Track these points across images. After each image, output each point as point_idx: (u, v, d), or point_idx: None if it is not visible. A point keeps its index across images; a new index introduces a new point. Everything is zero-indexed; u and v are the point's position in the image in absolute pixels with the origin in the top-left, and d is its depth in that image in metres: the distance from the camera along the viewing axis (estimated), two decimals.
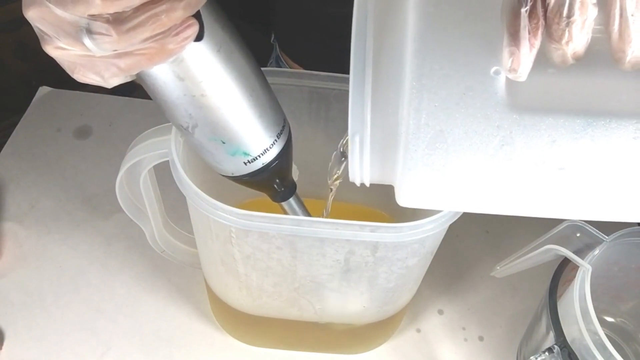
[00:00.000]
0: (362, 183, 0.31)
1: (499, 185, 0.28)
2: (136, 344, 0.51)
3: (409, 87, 0.26)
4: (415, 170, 0.28)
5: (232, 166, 0.35)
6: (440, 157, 0.27)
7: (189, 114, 0.31)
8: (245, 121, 0.33)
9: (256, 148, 0.34)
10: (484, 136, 0.26)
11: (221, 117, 0.32)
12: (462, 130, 0.26)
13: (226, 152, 0.34)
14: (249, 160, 0.34)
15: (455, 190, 0.29)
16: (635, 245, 0.44)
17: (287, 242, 0.37)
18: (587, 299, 0.38)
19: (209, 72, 0.30)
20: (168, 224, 0.48)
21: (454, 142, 0.26)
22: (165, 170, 0.38)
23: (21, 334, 0.50)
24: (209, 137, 0.33)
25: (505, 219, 0.64)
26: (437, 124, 0.26)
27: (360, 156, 0.29)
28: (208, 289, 0.49)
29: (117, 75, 0.28)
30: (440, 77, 0.25)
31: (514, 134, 0.26)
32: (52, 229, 0.58)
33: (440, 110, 0.26)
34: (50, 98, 0.70)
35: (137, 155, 0.39)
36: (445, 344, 0.53)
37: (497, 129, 0.26)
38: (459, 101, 0.26)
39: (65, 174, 0.63)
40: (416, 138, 0.26)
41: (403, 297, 0.46)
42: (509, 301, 0.57)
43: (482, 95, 0.25)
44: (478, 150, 0.26)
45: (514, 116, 0.26)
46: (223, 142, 0.33)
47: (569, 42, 0.23)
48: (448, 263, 0.59)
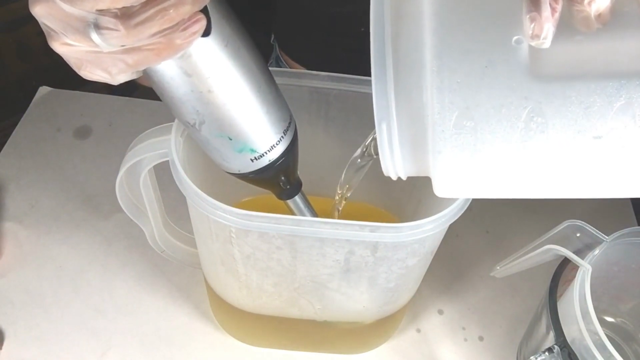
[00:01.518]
0: (398, 177, 0.30)
1: (533, 162, 0.27)
2: (136, 344, 0.51)
3: (429, 67, 0.25)
4: (445, 152, 0.27)
5: (239, 163, 0.35)
6: (469, 136, 0.26)
7: (196, 111, 0.31)
8: (252, 117, 0.33)
9: (263, 145, 0.34)
10: (511, 109, 0.25)
11: (228, 113, 0.32)
12: (489, 106, 0.25)
13: (233, 149, 0.33)
14: (256, 157, 0.34)
15: (490, 172, 0.28)
16: (635, 245, 0.44)
17: (287, 242, 0.37)
18: (587, 299, 0.38)
19: (216, 68, 0.30)
20: (168, 224, 0.48)
21: (482, 119, 0.26)
22: (165, 170, 0.38)
23: (21, 334, 0.50)
24: (216, 134, 0.33)
25: (505, 219, 0.64)
26: (462, 102, 0.25)
27: (390, 145, 0.28)
28: (208, 288, 0.49)
29: (124, 72, 0.27)
30: (460, 53, 0.25)
31: (543, 105, 0.25)
32: (52, 229, 0.58)
33: (464, 86, 0.25)
34: (50, 98, 0.70)
35: (137, 155, 0.39)
36: (445, 344, 0.53)
37: (524, 100, 0.25)
38: (483, 75, 0.25)
39: (65, 174, 0.63)
40: (442, 118, 0.26)
41: (403, 297, 0.46)
42: (509, 301, 0.57)
43: (505, 66, 0.25)
44: (507, 124, 0.26)
45: (541, 85, 0.25)
46: (230, 138, 0.33)
47: (591, 1, 0.23)
48: (448, 263, 0.59)
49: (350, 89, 0.43)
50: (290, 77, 0.44)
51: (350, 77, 0.43)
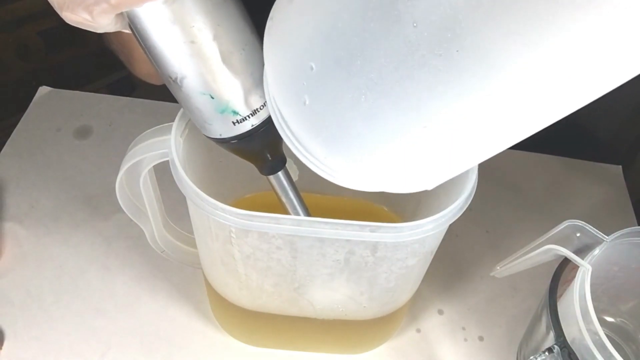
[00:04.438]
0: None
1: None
2: (136, 344, 0.51)
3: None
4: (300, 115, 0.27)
5: (221, 126, 0.34)
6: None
7: (179, 63, 0.30)
8: (236, 76, 0.32)
9: (246, 107, 0.33)
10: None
11: (210, 68, 0.31)
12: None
13: (215, 109, 0.32)
14: (238, 120, 0.33)
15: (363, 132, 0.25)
16: (635, 245, 0.44)
17: (287, 242, 0.37)
18: (587, 299, 0.38)
19: (200, 17, 0.29)
20: (168, 224, 0.48)
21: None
22: (165, 170, 0.38)
23: (21, 334, 0.50)
24: (198, 91, 0.32)
25: (505, 219, 0.64)
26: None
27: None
28: (208, 288, 0.49)
29: (106, 12, 0.27)
30: None
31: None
32: (52, 229, 0.58)
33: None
34: (50, 98, 0.70)
35: (137, 155, 0.39)
36: (445, 344, 0.53)
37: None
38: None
39: (65, 174, 0.63)
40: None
41: (403, 297, 0.46)
42: (509, 301, 0.57)
43: None
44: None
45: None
46: (212, 97, 0.32)
47: None
48: (448, 263, 0.59)
49: None
50: None
51: None
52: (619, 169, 0.71)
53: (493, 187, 0.67)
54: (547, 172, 0.70)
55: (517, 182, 0.68)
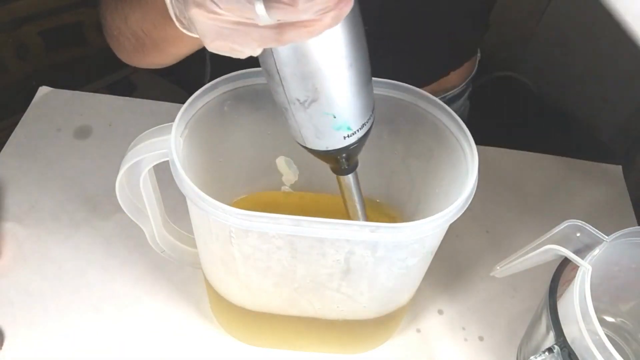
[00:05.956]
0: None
1: None
2: (136, 344, 0.51)
3: None
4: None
5: (331, 140, 0.35)
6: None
7: (315, 88, 0.31)
8: (361, 95, 0.33)
9: (358, 122, 0.34)
10: None
11: (344, 91, 0.32)
12: None
13: (332, 127, 0.34)
14: (349, 135, 0.34)
15: None
16: (635, 245, 0.44)
17: (287, 242, 0.37)
18: (587, 299, 0.38)
19: (346, 46, 0.30)
20: (168, 224, 0.48)
21: None
22: (165, 170, 0.38)
23: (21, 334, 0.50)
24: (324, 111, 0.33)
25: (505, 219, 0.64)
26: None
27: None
28: (208, 288, 0.49)
29: (266, 46, 0.27)
30: None
31: None
32: (52, 229, 0.58)
33: None
34: (50, 98, 0.70)
35: (137, 155, 0.39)
36: (445, 344, 0.53)
37: None
38: None
39: (65, 174, 0.63)
40: None
41: (403, 296, 0.46)
42: (509, 301, 0.57)
43: None
44: None
45: None
46: (334, 116, 0.33)
47: None
48: (448, 263, 0.59)
49: None
50: None
51: None
52: (619, 169, 0.71)
53: (493, 187, 0.67)
54: (547, 172, 0.70)
55: (517, 182, 0.68)
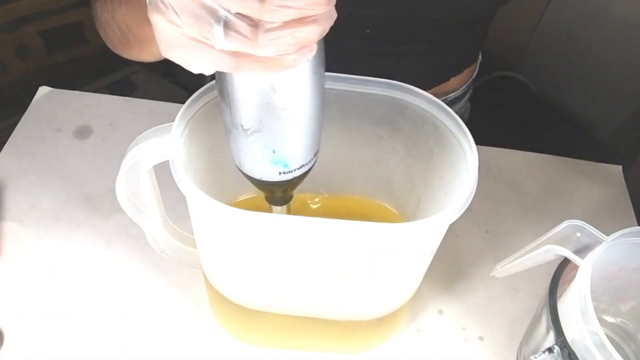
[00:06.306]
0: None
1: None
2: (136, 343, 0.51)
3: None
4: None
5: (266, 172, 0.35)
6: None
7: (260, 121, 0.31)
8: (307, 138, 0.33)
9: (296, 163, 0.34)
10: None
11: (289, 130, 0.32)
12: None
13: (270, 160, 0.34)
14: (285, 172, 0.35)
15: None
16: (635, 245, 0.44)
17: (287, 242, 0.37)
18: (587, 299, 0.38)
19: (300, 90, 0.31)
20: (168, 224, 0.48)
21: None
22: (165, 170, 0.38)
23: (21, 334, 0.50)
24: (264, 144, 0.33)
25: (505, 219, 0.64)
26: None
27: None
28: (208, 288, 0.49)
29: (218, 68, 0.26)
30: None
31: None
32: (52, 229, 0.58)
33: None
34: (50, 98, 0.70)
35: (137, 155, 0.39)
36: (445, 344, 0.53)
37: None
38: None
39: (65, 174, 0.63)
40: None
41: (403, 296, 0.46)
42: (509, 301, 0.57)
43: None
44: None
45: None
46: (274, 151, 0.33)
47: None
48: (448, 263, 0.59)
49: (351, 89, 0.43)
50: None
51: (350, 77, 0.43)
52: (619, 169, 0.71)
53: (493, 187, 0.67)
54: (547, 172, 0.70)
55: (517, 182, 0.68)
